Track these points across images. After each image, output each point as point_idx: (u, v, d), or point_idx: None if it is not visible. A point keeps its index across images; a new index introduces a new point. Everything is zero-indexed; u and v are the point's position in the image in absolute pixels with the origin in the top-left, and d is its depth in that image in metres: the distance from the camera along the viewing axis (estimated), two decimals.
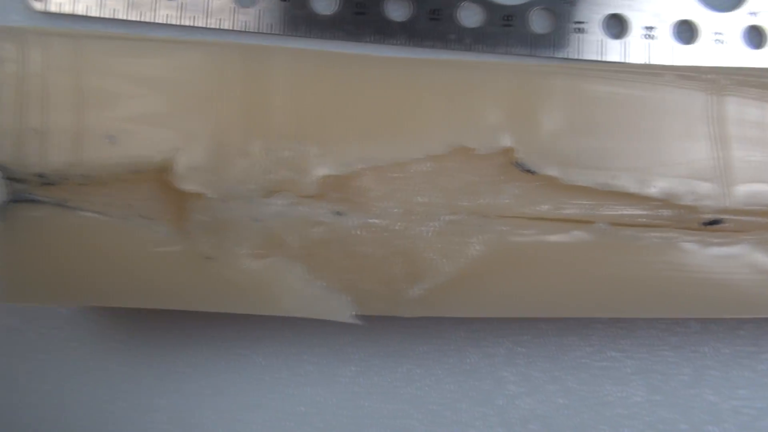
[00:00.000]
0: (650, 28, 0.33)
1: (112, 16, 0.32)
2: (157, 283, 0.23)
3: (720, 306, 0.25)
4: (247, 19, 0.32)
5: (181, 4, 0.32)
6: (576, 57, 0.33)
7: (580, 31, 0.33)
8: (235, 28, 0.32)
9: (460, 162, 0.25)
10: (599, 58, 0.33)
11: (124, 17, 0.32)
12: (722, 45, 0.33)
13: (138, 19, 0.32)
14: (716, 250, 0.25)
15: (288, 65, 0.24)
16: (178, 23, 0.32)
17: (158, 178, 0.23)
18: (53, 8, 0.32)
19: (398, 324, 0.31)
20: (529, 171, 0.25)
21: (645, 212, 0.25)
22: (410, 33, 0.33)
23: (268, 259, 0.24)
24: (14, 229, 0.23)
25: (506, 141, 0.25)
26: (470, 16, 0.33)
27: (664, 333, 0.32)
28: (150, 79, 0.23)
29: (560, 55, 0.33)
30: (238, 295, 0.24)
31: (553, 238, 0.24)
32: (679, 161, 0.25)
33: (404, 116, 0.24)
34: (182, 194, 0.23)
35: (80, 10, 0.32)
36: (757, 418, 0.31)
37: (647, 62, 0.33)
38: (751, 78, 0.26)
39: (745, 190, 0.25)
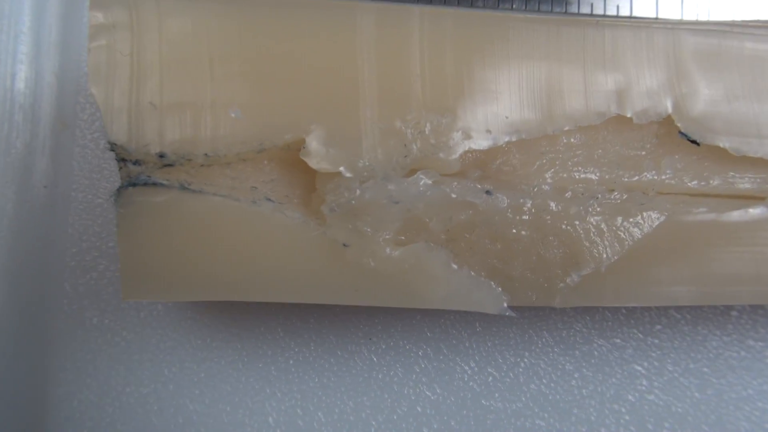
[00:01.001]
0: None
1: None
2: (290, 273, 0.21)
3: None
4: None
5: None
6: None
7: None
8: None
9: (614, 133, 0.22)
10: None
11: None
12: None
13: None
14: None
15: (426, 27, 0.21)
16: None
17: (288, 157, 0.21)
18: None
19: (519, 313, 0.28)
20: (693, 141, 0.22)
21: None
22: None
23: (410, 245, 0.21)
24: (133, 216, 0.20)
25: (666, 107, 0.22)
26: None
27: None
28: (279, 46, 0.21)
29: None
30: (378, 285, 0.21)
31: (729, 216, 0.22)
32: None
33: (552, 82, 0.22)
34: (313, 174, 0.21)
35: None
36: None
37: None
38: None
39: None
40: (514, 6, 0.30)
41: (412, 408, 0.28)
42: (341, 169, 0.20)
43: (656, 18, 0.28)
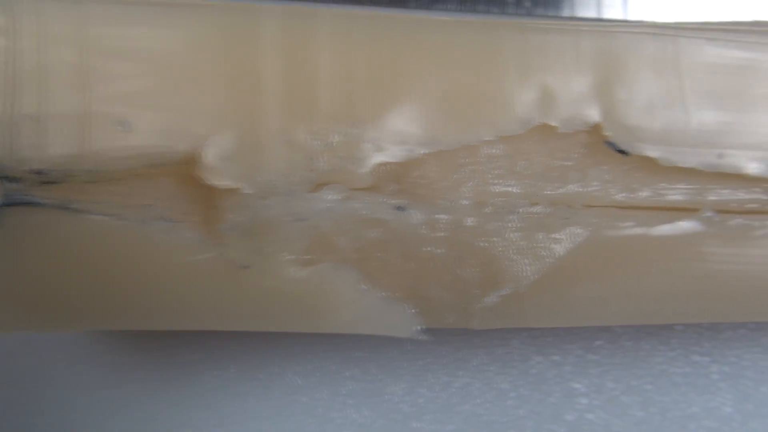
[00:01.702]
0: None
1: None
2: (184, 299, 0.19)
3: None
4: None
5: None
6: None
7: None
8: None
9: (539, 143, 0.21)
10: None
11: None
12: None
13: None
14: None
15: (336, 31, 0.20)
16: None
17: (183, 172, 0.19)
18: None
19: (453, 331, 0.27)
20: (621, 151, 0.21)
21: (757, 196, 0.21)
22: None
23: (316, 265, 0.20)
24: (8, 239, 0.18)
25: (594, 116, 0.20)
26: None
27: (754, 332, 0.28)
28: (171, 52, 0.19)
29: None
30: (282, 310, 0.20)
31: (657, 230, 0.20)
32: None
33: (473, 90, 0.20)
34: (212, 191, 0.19)
35: None
36: None
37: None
38: None
39: None
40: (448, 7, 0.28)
41: None
42: (240, 184, 0.19)
43: (586, 20, 0.27)
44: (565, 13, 0.28)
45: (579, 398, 0.27)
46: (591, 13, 0.28)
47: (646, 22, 0.27)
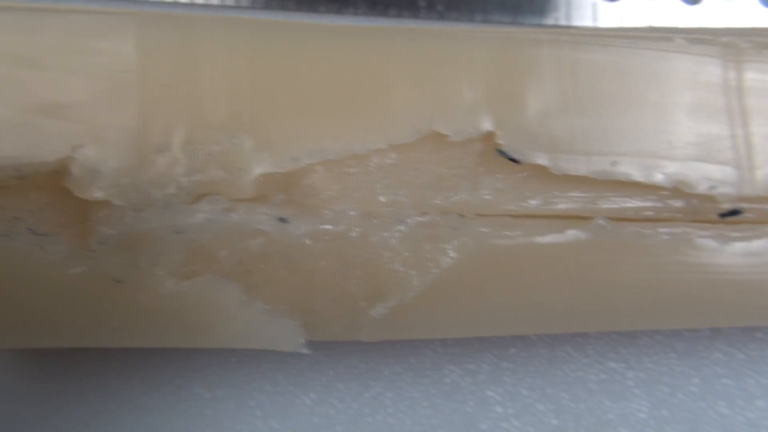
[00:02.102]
0: None
1: None
2: (55, 315, 0.19)
3: (743, 313, 0.21)
4: None
5: None
6: (565, 23, 0.28)
7: None
8: None
9: (430, 152, 0.21)
10: (592, 24, 0.28)
11: None
12: (733, 2, 0.29)
13: None
14: (737, 246, 0.21)
15: (218, 38, 0.19)
16: None
17: (53, 183, 0.19)
18: None
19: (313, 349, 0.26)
20: (513, 160, 0.20)
21: (652, 204, 0.21)
22: (373, 0, 0.28)
23: (195, 279, 0.19)
24: None
25: (485, 124, 0.20)
26: None
27: (670, 339, 0.28)
28: (41, 57, 0.18)
29: (548, 22, 0.28)
30: (160, 325, 0.19)
31: (545, 239, 0.20)
32: (691, 142, 0.21)
33: (362, 98, 0.20)
34: (84, 203, 0.18)
35: None
36: None
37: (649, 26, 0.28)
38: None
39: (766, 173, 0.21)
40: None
41: None
42: (111, 196, 0.18)
43: (482, 26, 0.27)
44: (477, 19, 0.28)
45: (494, 406, 0.27)
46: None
47: (537, 28, 0.26)
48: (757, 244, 0.21)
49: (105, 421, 0.26)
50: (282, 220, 0.19)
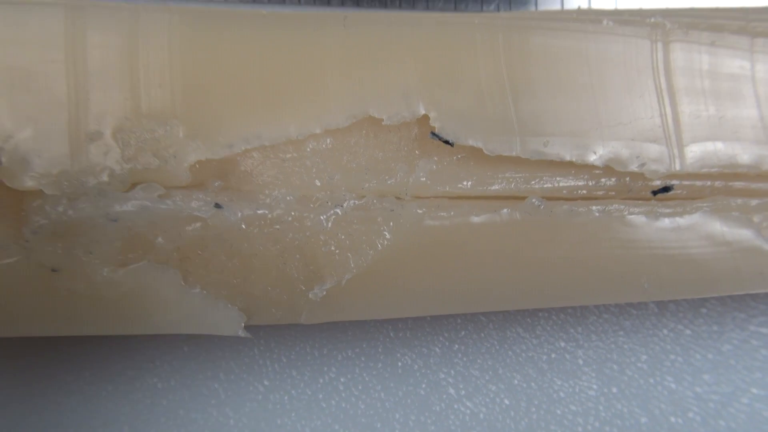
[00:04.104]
0: None
1: None
2: None
3: (675, 286, 0.22)
4: None
5: None
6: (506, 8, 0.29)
7: None
8: None
9: (366, 136, 0.21)
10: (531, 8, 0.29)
11: None
12: None
13: None
14: (668, 222, 0.21)
15: (151, 26, 0.20)
16: None
17: None
18: None
19: (317, 327, 0.27)
20: (447, 142, 0.21)
21: (584, 183, 0.22)
22: None
23: (132, 266, 0.19)
24: None
25: (420, 108, 0.20)
26: None
27: (618, 317, 0.28)
28: None
29: (488, 9, 0.29)
30: (97, 313, 0.19)
31: (479, 219, 0.20)
32: (622, 121, 0.21)
33: (296, 84, 0.20)
34: (17, 193, 0.19)
35: None
36: (724, 404, 0.27)
37: (582, 7, 0.29)
38: (700, 20, 0.22)
39: (697, 151, 0.21)
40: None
41: None
42: (43, 186, 0.18)
43: (414, 12, 0.27)
44: (420, 7, 0.28)
45: (446, 388, 0.27)
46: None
47: (476, 13, 0.27)
48: (687, 219, 0.21)
49: (58, 414, 0.26)
50: (217, 206, 0.20)
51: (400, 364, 0.27)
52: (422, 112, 0.21)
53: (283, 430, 0.26)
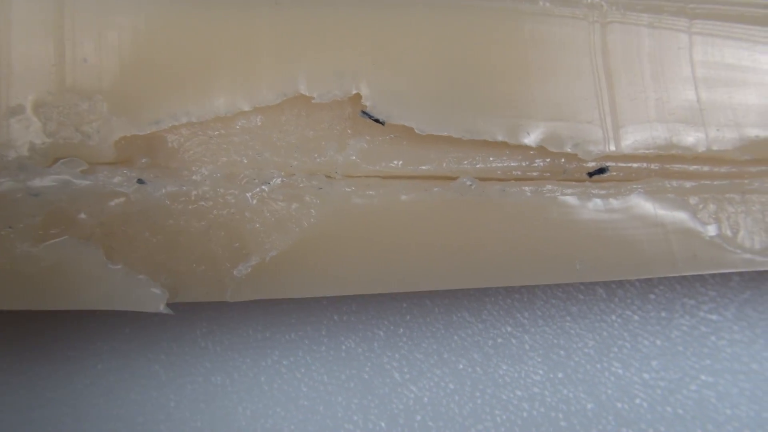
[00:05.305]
0: None
1: None
2: None
3: (608, 267, 0.21)
4: None
5: None
6: None
7: None
8: None
9: (297, 114, 0.21)
10: None
11: None
12: None
13: None
14: (601, 203, 0.21)
15: (79, 1, 0.19)
16: None
17: None
18: None
19: (260, 310, 0.27)
20: (378, 121, 0.20)
21: (518, 164, 0.21)
22: None
23: (53, 241, 0.19)
24: None
25: (352, 87, 0.20)
26: None
27: (566, 302, 0.28)
28: None
29: None
30: (20, 287, 0.19)
31: (408, 198, 0.20)
32: (557, 102, 0.21)
33: (226, 60, 0.20)
34: None
35: None
36: (672, 390, 0.27)
37: None
38: (639, 1, 0.22)
39: (633, 133, 0.21)
40: None
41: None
42: None
43: None
44: None
45: (391, 372, 0.27)
46: None
47: None
48: (619, 201, 0.21)
49: None
50: (140, 181, 0.19)
51: (343, 347, 0.27)
52: (354, 91, 0.20)
53: (225, 412, 0.26)
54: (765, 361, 0.28)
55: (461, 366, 0.28)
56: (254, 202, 0.20)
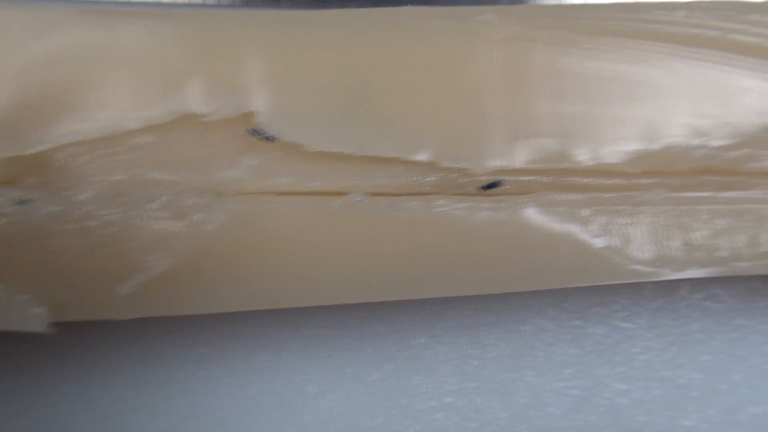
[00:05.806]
0: None
1: None
2: None
3: (497, 280, 0.22)
4: None
5: None
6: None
7: None
8: None
9: (188, 132, 0.21)
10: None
11: None
12: None
13: None
14: (490, 215, 0.21)
15: None
16: None
17: None
18: None
19: (170, 322, 0.27)
20: (268, 138, 0.20)
21: (410, 179, 0.22)
22: None
23: None
24: None
25: (242, 104, 0.20)
26: None
27: (480, 312, 0.28)
28: None
29: None
30: None
31: (298, 214, 0.20)
32: (451, 117, 0.21)
33: (115, 78, 0.20)
34: None
35: None
36: (584, 399, 0.28)
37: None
38: (533, 18, 0.23)
39: (526, 147, 0.22)
40: None
41: None
42: None
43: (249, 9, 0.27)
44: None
45: (304, 385, 0.27)
46: None
47: (339, 10, 0.27)
48: (507, 213, 0.21)
49: None
50: (22, 201, 0.19)
51: (256, 360, 0.27)
52: (246, 108, 0.21)
53: (136, 429, 0.26)
54: (678, 368, 0.29)
55: (374, 377, 0.28)
56: (139, 220, 0.20)
